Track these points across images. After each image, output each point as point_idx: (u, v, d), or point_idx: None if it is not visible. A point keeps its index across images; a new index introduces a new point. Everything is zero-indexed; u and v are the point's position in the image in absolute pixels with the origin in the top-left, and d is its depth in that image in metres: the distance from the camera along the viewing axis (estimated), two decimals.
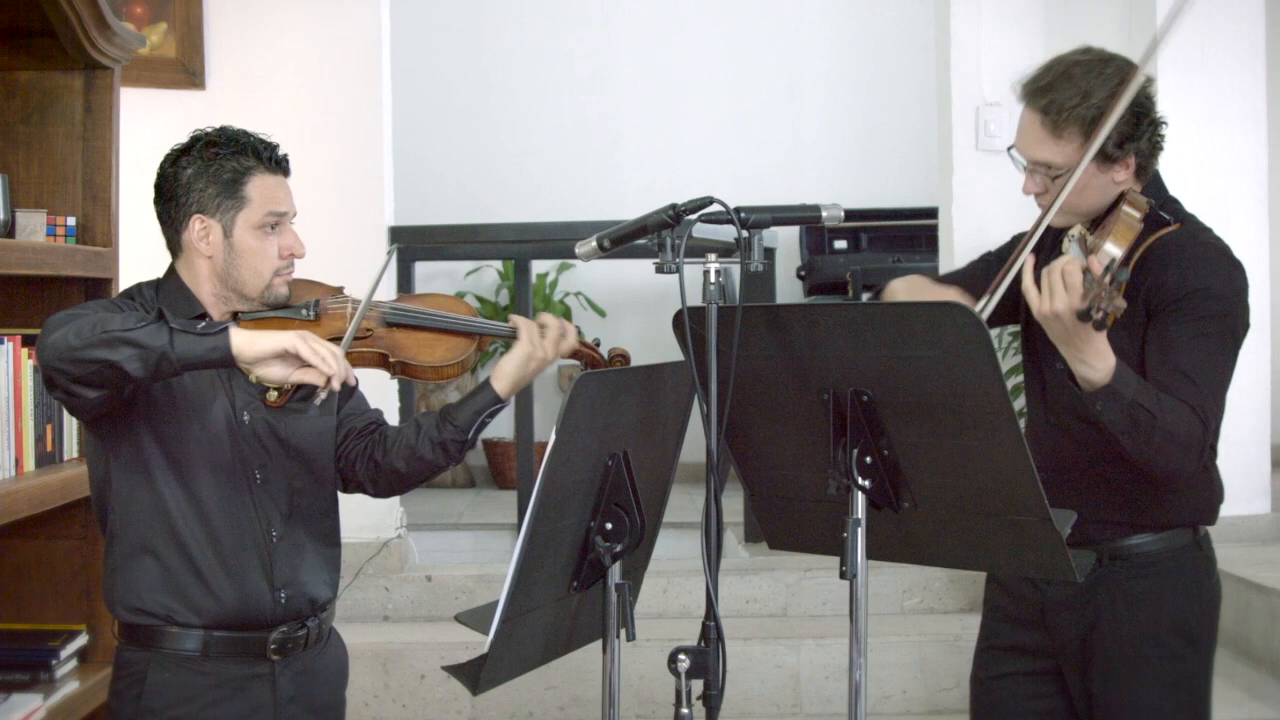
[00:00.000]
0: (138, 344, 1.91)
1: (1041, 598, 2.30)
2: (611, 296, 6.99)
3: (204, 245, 2.18)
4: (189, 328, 1.94)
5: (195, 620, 2.15)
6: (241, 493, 2.18)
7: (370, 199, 4.63)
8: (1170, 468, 2.12)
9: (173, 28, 4.54)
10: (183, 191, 2.18)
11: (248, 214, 2.17)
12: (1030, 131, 2.23)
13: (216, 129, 2.23)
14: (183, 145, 2.22)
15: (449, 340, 2.31)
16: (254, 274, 2.19)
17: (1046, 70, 2.23)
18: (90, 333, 1.91)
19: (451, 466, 2.35)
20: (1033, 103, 2.22)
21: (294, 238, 2.23)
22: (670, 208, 1.90)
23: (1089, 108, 2.17)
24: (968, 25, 4.86)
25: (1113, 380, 2.04)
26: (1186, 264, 2.17)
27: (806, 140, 7.12)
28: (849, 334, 1.88)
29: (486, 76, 7.09)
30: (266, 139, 2.23)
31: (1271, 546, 4.57)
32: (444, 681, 4.01)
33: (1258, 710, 3.68)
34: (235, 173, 2.17)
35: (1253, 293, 2.30)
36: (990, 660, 2.41)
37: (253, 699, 2.19)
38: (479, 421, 2.30)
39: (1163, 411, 2.07)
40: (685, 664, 1.83)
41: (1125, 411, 2.05)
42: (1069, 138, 2.19)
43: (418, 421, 2.33)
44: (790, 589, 4.47)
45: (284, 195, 2.22)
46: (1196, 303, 2.15)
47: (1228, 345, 2.18)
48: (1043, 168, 2.22)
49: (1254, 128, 4.71)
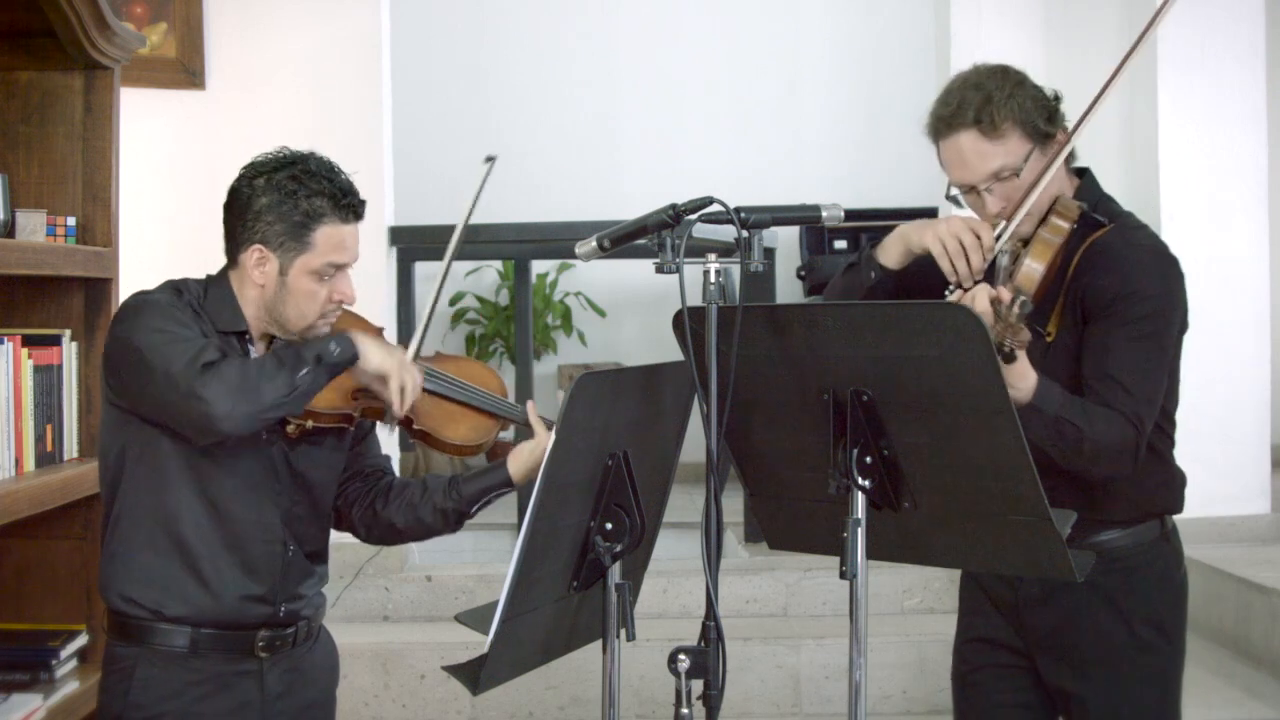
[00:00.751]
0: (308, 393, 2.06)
1: (1015, 594, 2.31)
2: (611, 296, 7.00)
3: (257, 274, 2.16)
4: (329, 355, 2.07)
5: (184, 615, 2.15)
6: (264, 507, 2.19)
7: (370, 199, 4.56)
8: (1105, 474, 2.17)
9: (173, 28, 4.54)
10: (252, 217, 2.14)
11: (307, 259, 2.14)
12: (971, 150, 2.23)
13: (304, 156, 2.18)
14: (266, 164, 2.17)
15: (476, 419, 2.31)
16: (299, 315, 2.17)
17: (946, 98, 2.26)
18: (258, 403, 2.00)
19: (445, 534, 2.36)
20: (958, 123, 2.23)
21: (348, 284, 2.20)
22: (670, 208, 1.90)
23: (1006, 99, 2.20)
24: (968, 25, 4.86)
25: (1035, 398, 2.10)
26: (1117, 267, 2.20)
27: (806, 140, 7.12)
28: (849, 334, 1.88)
29: (486, 76, 7.09)
30: (349, 183, 2.20)
31: (1271, 546, 4.57)
32: (444, 681, 4.01)
33: (1258, 710, 3.69)
34: (306, 216, 2.13)
35: (1253, 292, 2.31)
36: (967, 654, 2.43)
37: (240, 695, 2.19)
38: (485, 500, 2.31)
39: (1090, 423, 2.11)
40: (685, 664, 1.82)
41: (1051, 427, 2.10)
42: (1007, 133, 2.21)
43: (425, 483, 2.34)
44: (790, 589, 4.47)
45: (351, 245, 2.19)
46: (1128, 305, 2.17)
47: (1159, 345, 2.19)
48: (995, 179, 2.22)
49: (1254, 128, 4.71)
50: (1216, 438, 4.45)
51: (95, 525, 2.82)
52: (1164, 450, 2.29)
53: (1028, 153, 2.21)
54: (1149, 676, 2.26)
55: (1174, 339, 2.23)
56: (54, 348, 2.76)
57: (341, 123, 4.54)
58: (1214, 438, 4.44)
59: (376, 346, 2.13)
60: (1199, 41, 4.57)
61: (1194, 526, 3.81)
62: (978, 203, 2.27)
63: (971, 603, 2.44)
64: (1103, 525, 2.25)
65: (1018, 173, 2.21)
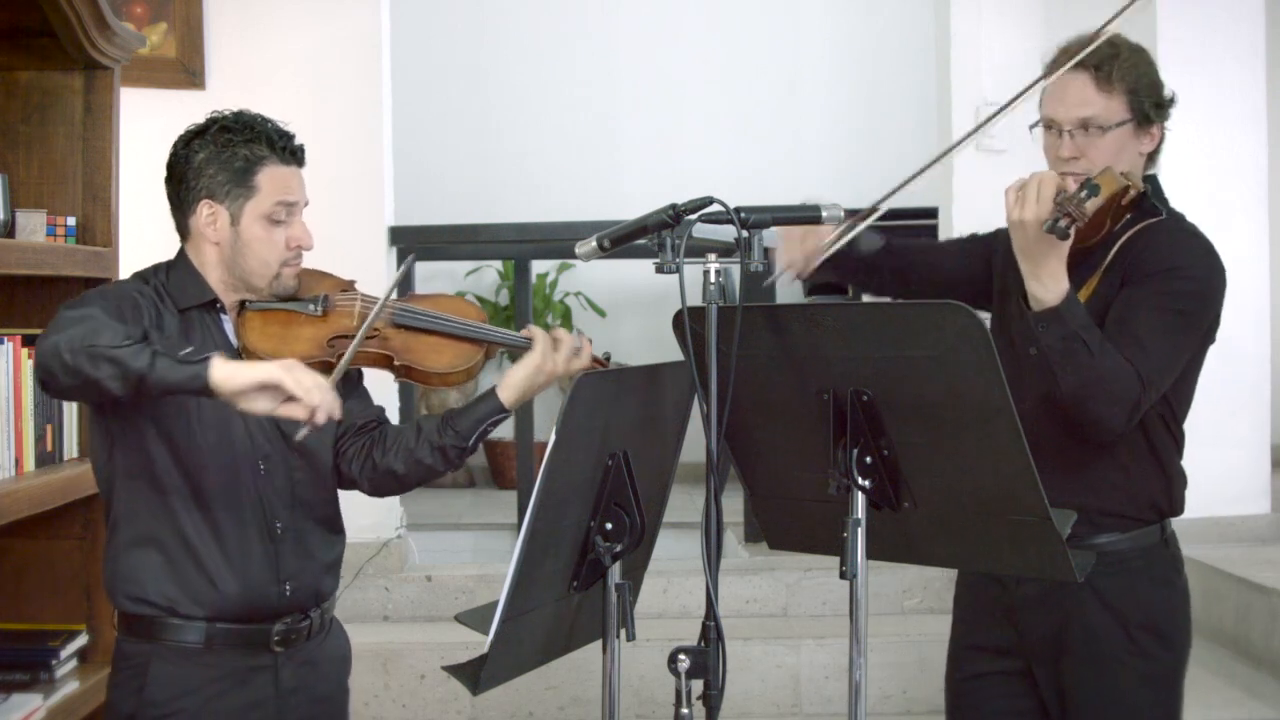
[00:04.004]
0: (119, 363, 1.88)
1: (1011, 598, 2.31)
2: (611, 296, 6.99)
3: (210, 231, 2.17)
4: (171, 353, 1.91)
5: (198, 612, 2.14)
6: (246, 484, 2.18)
7: (370, 199, 4.63)
8: (1098, 416, 2.14)
9: (173, 28, 4.54)
10: (193, 175, 2.16)
11: (256, 203, 2.16)
12: (1076, 91, 2.27)
13: (233, 113, 2.20)
14: (197, 127, 2.20)
15: (457, 346, 2.29)
16: (261, 264, 2.18)
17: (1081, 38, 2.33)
18: (80, 343, 1.90)
19: (449, 472, 2.33)
20: (1080, 60, 2.28)
21: (303, 229, 2.21)
22: (670, 208, 1.90)
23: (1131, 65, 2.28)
24: (968, 25, 4.86)
25: (1061, 305, 2.10)
26: (1166, 245, 2.22)
27: (806, 140, 7.11)
28: (849, 334, 1.88)
29: (486, 76, 7.09)
30: (283, 127, 2.21)
31: (1271, 546, 4.57)
32: (444, 681, 4.01)
33: (1258, 710, 3.68)
34: (247, 160, 2.15)
35: (1253, 292, 2.32)
36: (962, 661, 2.43)
37: (255, 691, 2.19)
38: (481, 430, 2.28)
39: (1103, 355, 2.11)
40: (685, 664, 1.82)
41: (1064, 340, 2.10)
42: (1117, 94, 2.26)
43: (419, 424, 2.32)
44: (790, 589, 4.47)
45: (295, 185, 2.20)
46: (1168, 279, 2.18)
47: (1189, 326, 2.20)
48: (1083, 126, 2.26)
49: (1254, 128, 4.71)
50: (1216, 438, 4.43)
51: (95, 525, 2.82)
52: (1167, 451, 2.28)
53: (1122, 120, 2.26)
54: (1145, 682, 2.25)
55: (1201, 332, 2.22)
56: None
57: (341, 123, 4.53)
58: (1214, 438, 4.41)
59: (241, 364, 1.93)
60: (1199, 41, 4.57)
61: (1194, 526, 3.81)
62: (1054, 143, 2.30)
63: (967, 608, 2.43)
64: (1102, 527, 2.24)
65: (1104, 130, 2.25)
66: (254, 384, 1.89)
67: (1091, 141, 2.25)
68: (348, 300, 2.26)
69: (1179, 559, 2.32)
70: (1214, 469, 4.21)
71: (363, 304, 2.26)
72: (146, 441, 2.13)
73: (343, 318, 2.23)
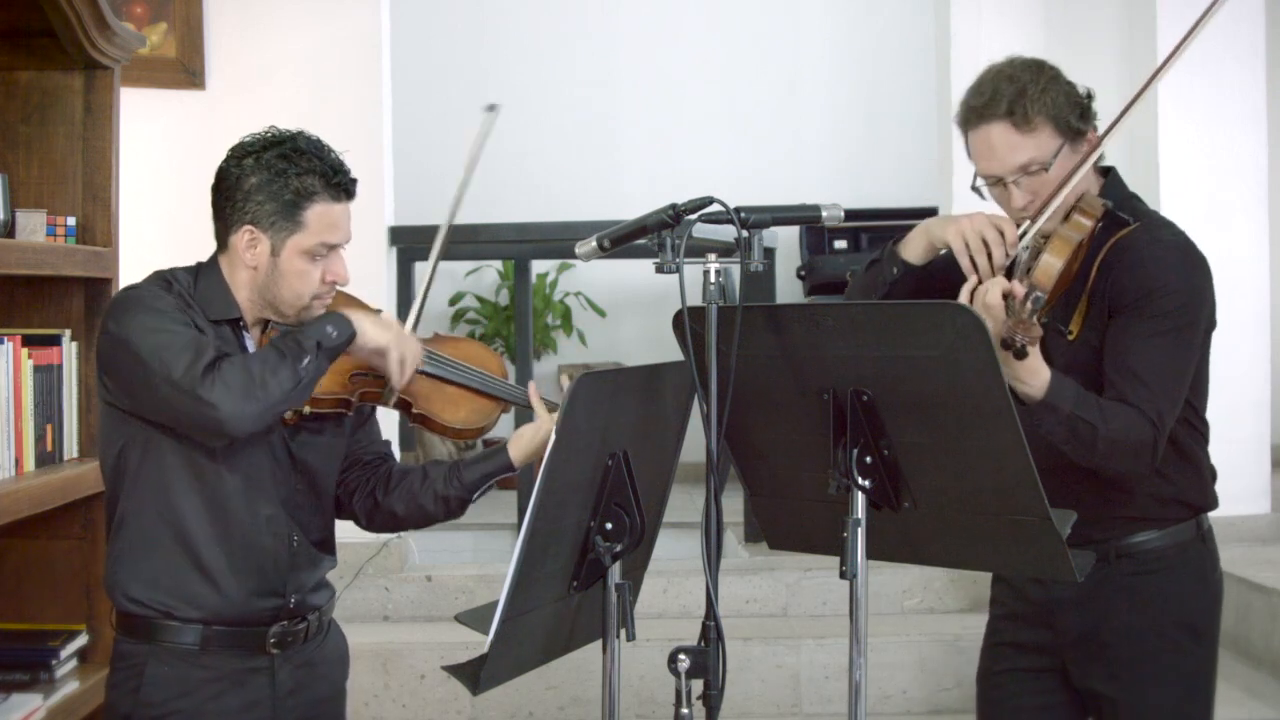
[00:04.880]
0: (314, 380, 2.06)
1: (1048, 596, 2.30)
2: (611, 296, 6.99)
3: (249, 255, 2.13)
4: (327, 339, 2.06)
5: (195, 615, 2.14)
6: (265, 498, 2.17)
7: (370, 199, 4.60)
8: (1121, 471, 2.16)
9: (173, 28, 4.54)
10: (241, 197, 2.12)
11: (300, 239, 2.12)
12: (1002, 142, 2.21)
13: (292, 135, 2.15)
14: (254, 144, 2.14)
15: (476, 402, 2.29)
16: (293, 295, 2.15)
17: (980, 88, 2.24)
18: (282, 392, 2.01)
19: (447, 520, 2.35)
20: (990, 114, 2.21)
21: (342, 265, 2.17)
22: (670, 208, 1.90)
23: (1040, 92, 2.19)
24: (968, 25, 4.86)
25: (1048, 395, 2.09)
26: (1142, 264, 2.19)
27: (806, 140, 7.11)
28: (849, 334, 1.88)
29: (486, 76, 7.08)
30: (340, 161, 2.16)
31: (1271, 546, 4.57)
32: (444, 681, 4.01)
33: (1258, 710, 3.69)
34: (298, 194, 2.10)
35: (1253, 292, 2.31)
36: (996, 656, 2.42)
37: (252, 692, 2.18)
38: (487, 485, 2.30)
39: (1105, 420, 2.10)
40: (685, 664, 1.82)
41: (1064, 425, 2.09)
42: (1041, 126, 2.20)
43: (425, 470, 2.33)
44: (790, 589, 4.47)
45: (343, 224, 2.16)
46: (1151, 302, 2.17)
47: (1184, 342, 2.18)
48: (1024, 173, 2.21)
49: (1254, 128, 4.72)
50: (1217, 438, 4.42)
51: (95, 525, 2.82)
52: (1193, 447, 2.27)
53: (1058, 148, 2.20)
54: (1181, 678, 2.25)
55: (1200, 336, 2.21)
56: (54, 348, 2.76)
57: (341, 123, 4.50)
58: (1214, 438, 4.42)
59: (372, 322, 2.13)
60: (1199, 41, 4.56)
61: None
62: (1003, 196, 2.26)
63: (1004, 605, 2.42)
64: (1138, 526, 2.24)
65: (1046, 167, 2.20)
66: (376, 347, 2.12)
67: (1039, 180, 2.21)
68: None
69: (1215, 555, 2.31)
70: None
71: None
72: (162, 448, 2.12)
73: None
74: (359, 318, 2.11)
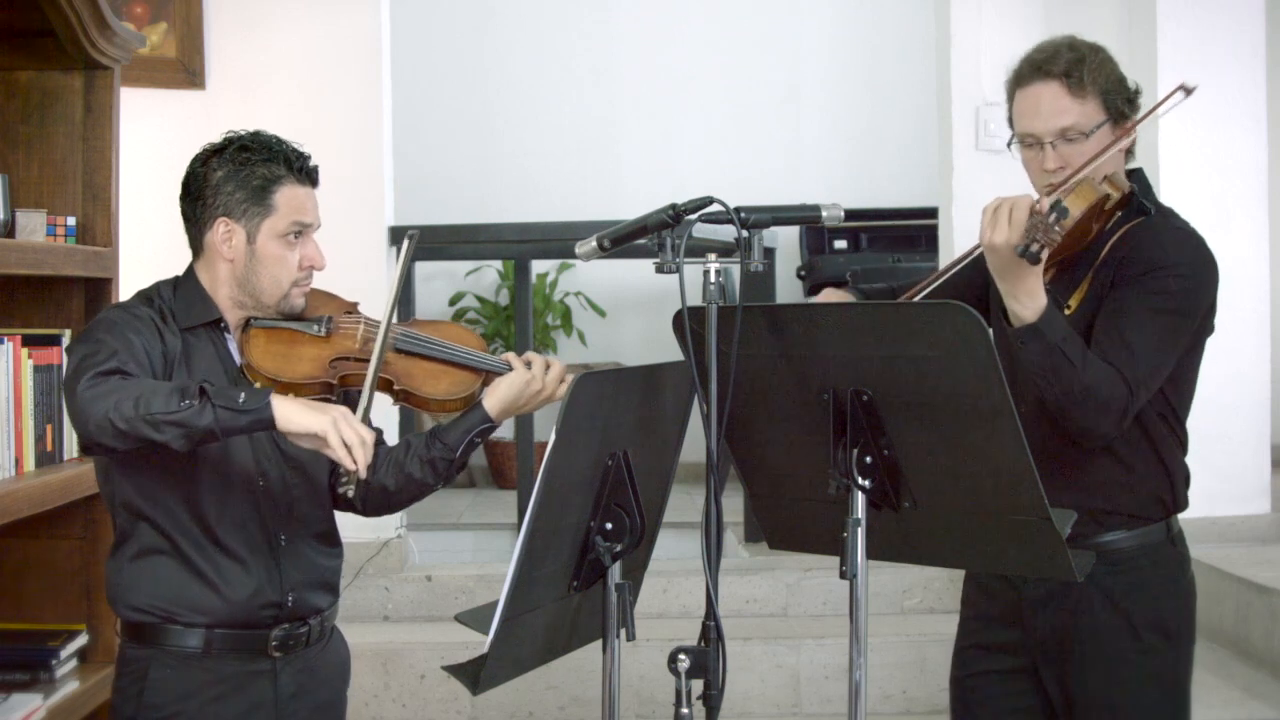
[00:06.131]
0: (184, 425, 1.91)
1: (1018, 596, 2.31)
2: (611, 296, 6.99)
3: (226, 248, 2.19)
4: (232, 403, 1.92)
5: (198, 619, 2.16)
6: (249, 498, 2.19)
7: (370, 199, 4.63)
8: (1086, 424, 2.15)
9: (173, 28, 4.54)
10: (211, 193, 2.18)
11: (273, 222, 2.18)
12: (1050, 101, 2.25)
13: (251, 133, 2.23)
14: (216, 146, 2.22)
15: (456, 374, 2.30)
16: (273, 282, 2.20)
17: (1042, 47, 2.29)
18: (134, 412, 1.91)
19: (441, 486, 2.35)
20: (1047, 71, 2.25)
21: (315, 249, 2.24)
22: (670, 208, 1.90)
23: (1098, 65, 2.25)
24: (968, 25, 4.85)
25: (1039, 320, 2.10)
26: (1153, 243, 2.21)
27: (806, 140, 7.12)
28: (849, 334, 1.88)
29: (486, 76, 7.09)
30: (299, 149, 2.23)
31: (1271, 546, 4.57)
32: (444, 681, 4.01)
33: (1258, 710, 3.68)
34: (265, 180, 2.18)
35: (1253, 292, 2.31)
36: (968, 659, 2.42)
37: (254, 696, 2.19)
38: (468, 440, 2.29)
39: (1086, 366, 2.11)
40: (685, 664, 1.83)
41: (1047, 354, 2.10)
42: (1091, 97, 2.24)
43: (408, 440, 2.34)
44: (790, 589, 4.47)
45: (310, 207, 2.23)
46: (1158, 277, 2.18)
47: (1177, 326, 2.19)
48: (1063, 137, 2.24)
49: (1254, 128, 4.71)
50: (1216, 438, 4.44)
51: (95, 525, 2.82)
52: (1168, 447, 2.27)
53: (1100, 123, 2.24)
54: (1152, 680, 2.25)
55: (1193, 327, 2.21)
56: (54, 348, 2.76)
57: (341, 123, 4.54)
58: (1214, 438, 4.43)
59: (299, 406, 1.96)
60: (1199, 41, 4.57)
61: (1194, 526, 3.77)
62: (1035, 159, 2.28)
63: (974, 606, 2.43)
64: (1107, 525, 2.24)
65: (1087, 135, 2.23)
66: (307, 431, 1.94)
67: (1074, 149, 2.23)
68: (351, 323, 2.28)
69: (1186, 556, 2.32)
70: (1214, 469, 4.22)
71: (365, 327, 2.28)
72: (144, 467, 2.13)
73: (345, 340, 2.25)
74: (283, 402, 1.96)
